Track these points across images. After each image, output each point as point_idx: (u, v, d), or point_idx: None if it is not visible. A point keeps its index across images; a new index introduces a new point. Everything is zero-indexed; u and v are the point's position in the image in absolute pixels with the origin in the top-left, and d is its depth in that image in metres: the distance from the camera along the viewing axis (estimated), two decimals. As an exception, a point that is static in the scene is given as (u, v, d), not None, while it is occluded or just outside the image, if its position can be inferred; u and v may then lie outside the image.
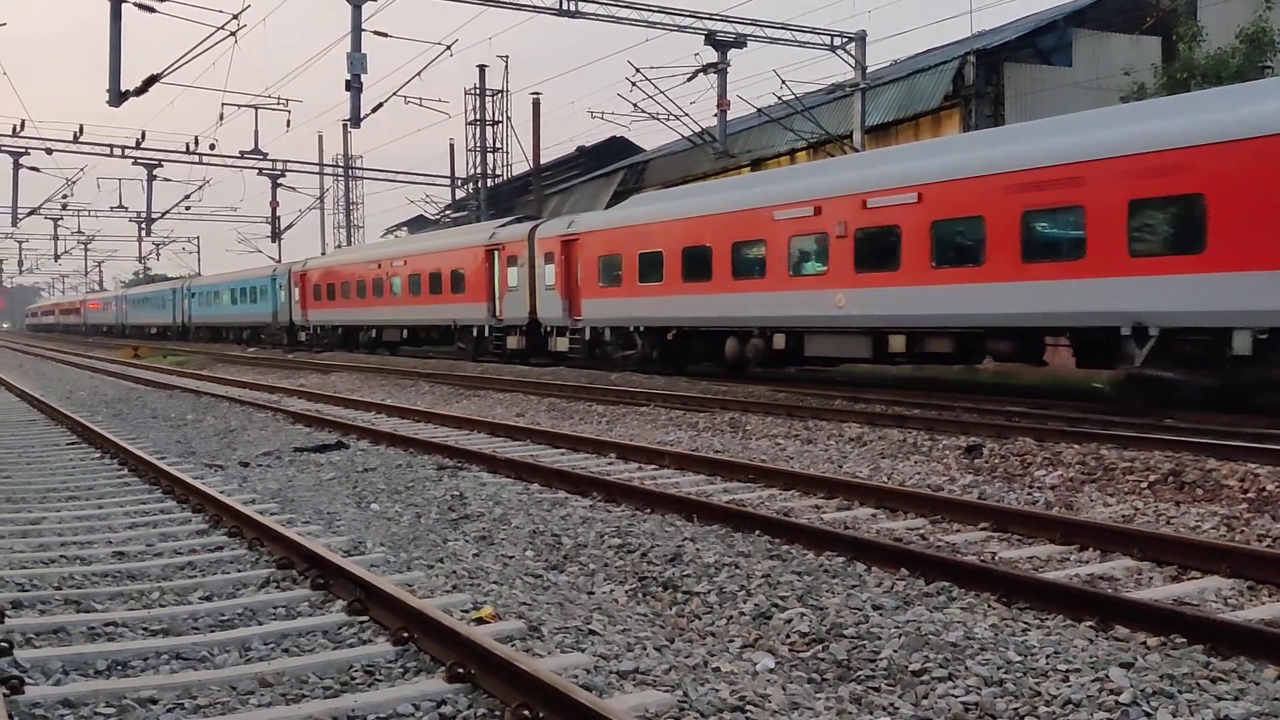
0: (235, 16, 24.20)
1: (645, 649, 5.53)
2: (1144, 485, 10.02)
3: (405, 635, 5.55)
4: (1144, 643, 5.50)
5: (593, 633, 5.81)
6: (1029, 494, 9.89)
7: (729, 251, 21.85)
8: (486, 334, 31.65)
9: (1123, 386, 15.89)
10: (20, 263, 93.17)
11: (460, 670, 4.99)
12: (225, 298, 56.95)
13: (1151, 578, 6.88)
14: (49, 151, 41.36)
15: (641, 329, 25.09)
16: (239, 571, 7.27)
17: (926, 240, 17.55)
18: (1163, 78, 26.66)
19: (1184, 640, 5.43)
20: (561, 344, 28.31)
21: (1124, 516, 8.80)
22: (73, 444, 14.74)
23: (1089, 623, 5.78)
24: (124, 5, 23.19)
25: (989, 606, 6.18)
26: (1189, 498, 9.51)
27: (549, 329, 28.88)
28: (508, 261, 30.24)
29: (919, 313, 17.86)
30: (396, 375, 27.46)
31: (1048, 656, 5.25)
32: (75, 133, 40.09)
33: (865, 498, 9.52)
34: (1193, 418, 14.05)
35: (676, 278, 23.35)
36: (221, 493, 9.80)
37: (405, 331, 37.10)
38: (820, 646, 5.52)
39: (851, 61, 30.08)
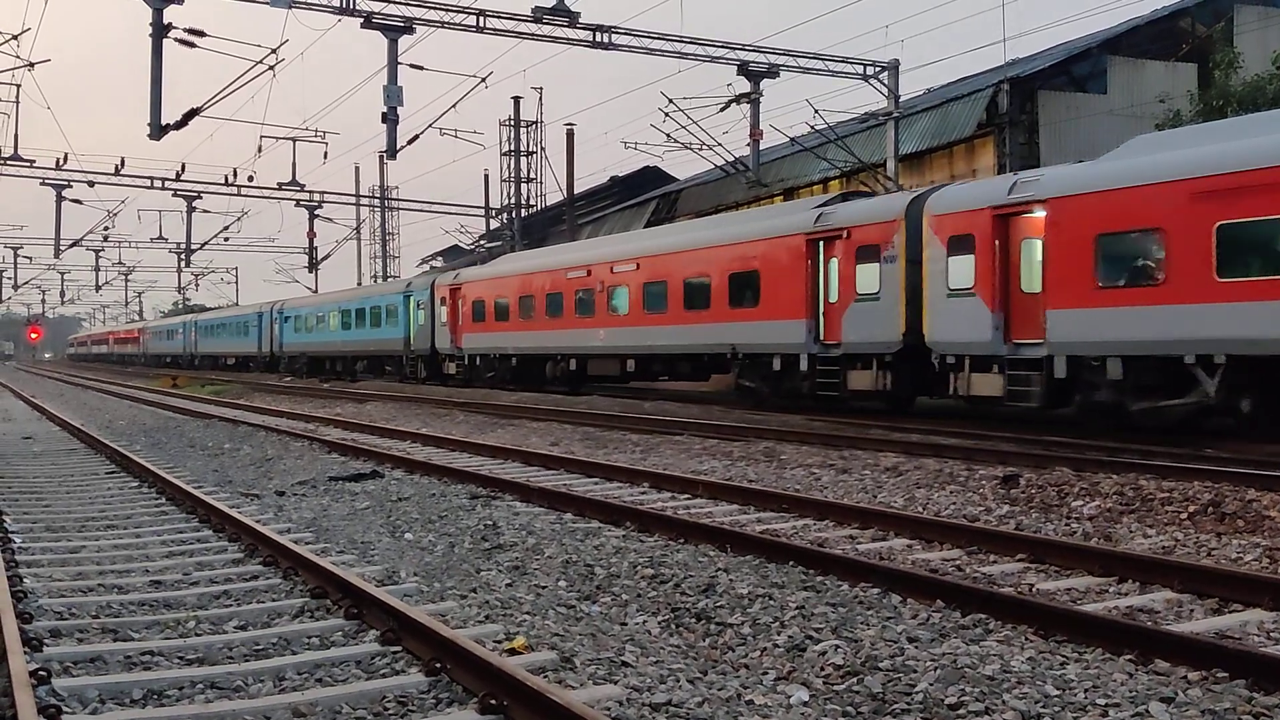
0: (274, 50, 24.56)
1: (678, 681, 5.50)
2: (1184, 516, 9.89)
3: (438, 666, 5.55)
4: (1185, 677, 5.41)
5: (625, 664, 5.79)
6: (1067, 525, 9.78)
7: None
8: (804, 366, 21.14)
9: None
10: (62, 293, 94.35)
11: (493, 702, 4.98)
12: (334, 321, 48.29)
13: (1192, 610, 6.78)
14: (91, 184, 41.98)
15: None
16: (274, 601, 7.30)
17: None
18: (1199, 105, 26.48)
19: (1226, 675, 5.34)
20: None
21: (1164, 548, 8.68)
22: (112, 473, 14.89)
23: (1128, 656, 5.70)
24: (165, 40, 23.57)
25: (1026, 639, 6.10)
26: (1230, 529, 9.37)
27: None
28: (856, 255, 20.09)
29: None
30: (431, 405, 27.58)
31: (1086, 691, 5.18)
32: (117, 165, 40.64)
33: (901, 528, 9.45)
34: (1232, 447, 13.86)
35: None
36: (257, 522, 9.86)
37: (631, 362, 27.58)
38: (855, 679, 5.47)
39: (884, 90, 30.08)
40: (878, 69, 29.95)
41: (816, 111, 29.36)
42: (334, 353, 48.86)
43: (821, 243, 20.96)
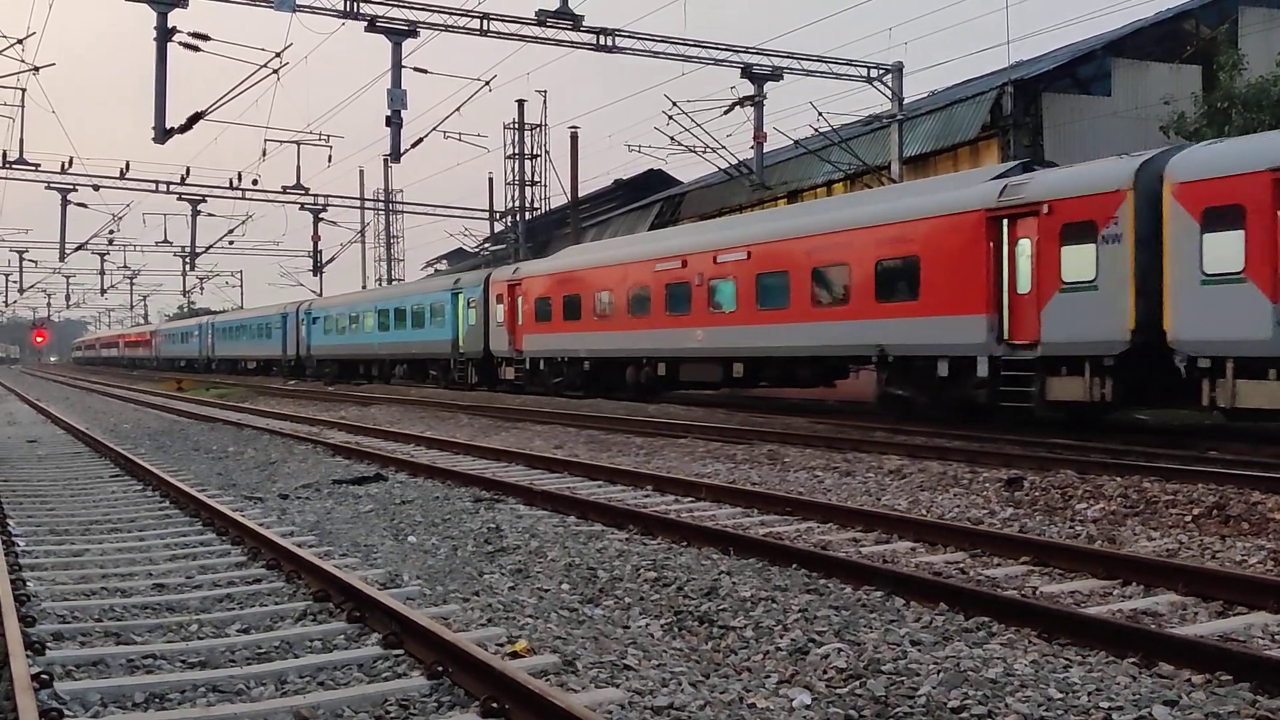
0: (278, 54, 24.58)
1: (680, 684, 5.50)
2: (1188, 519, 9.86)
3: (440, 669, 5.55)
4: (1189, 680, 5.40)
5: (627, 667, 5.78)
6: (1070, 527, 9.76)
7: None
8: (983, 370, 17.64)
9: None
10: (68, 297, 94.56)
11: (494, 705, 4.98)
12: (369, 321, 44.50)
13: (1196, 613, 6.76)
14: (96, 188, 42.06)
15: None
16: (276, 604, 7.30)
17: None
18: (1203, 107, 26.44)
19: (1230, 678, 5.33)
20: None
21: (1168, 551, 8.66)
22: (116, 476, 14.90)
23: (1132, 659, 5.69)
24: (169, 44, 23.60)
25: (1029, 642, 6.09)
26: (1234, 531, 9.35)
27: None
28: (1061, 235, 16.52)
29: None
30: (436, 408, 27.59)
31: (1090, 694, 5.16)
32: (121, 169, 40.76)
33: (904, 531, 9.43)
34: (1236, 450, 13.83)
35: None
36: (260, 525, 9.86)
37: (739, 366, 23.57)
38: (858, 682, 5.46)
39: (888, 93, 30.06)
40: (881, 71, 29.93)
41: (820, 114, 29.36)
42: (369, 356, 45.22)
43: (1006, 221, 17.37)
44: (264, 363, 59.72)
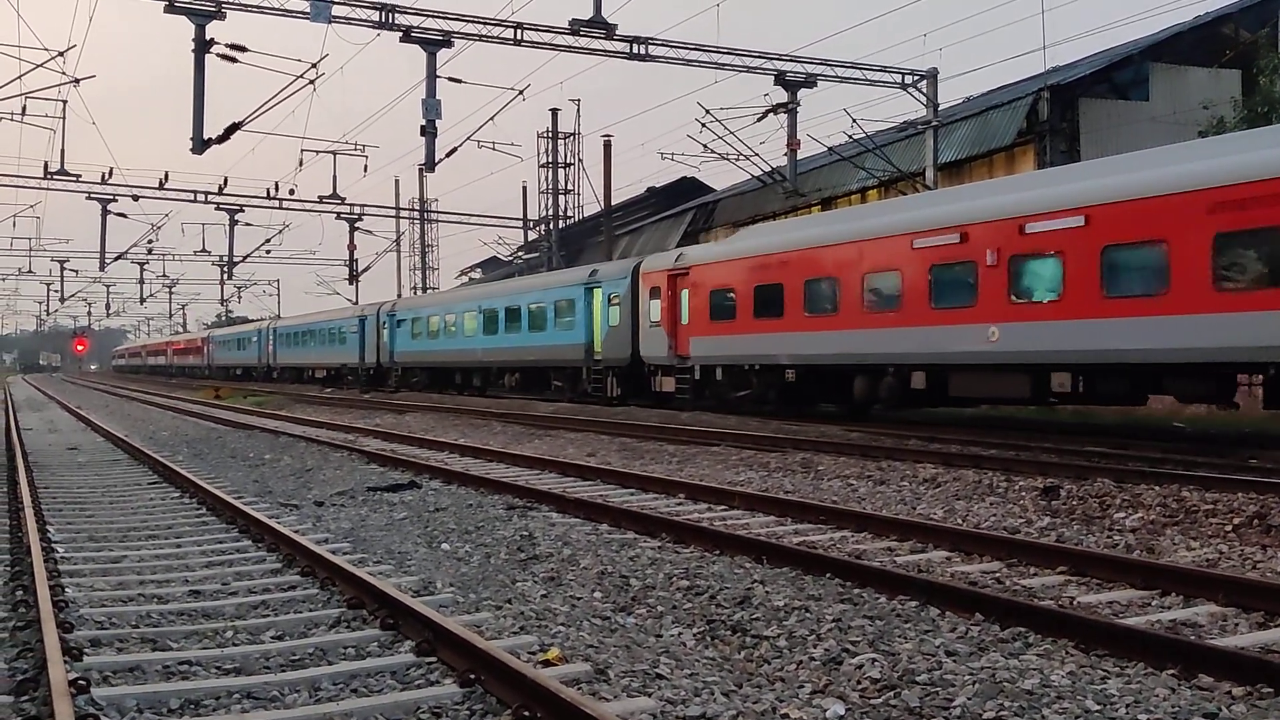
0: (314, 65, 24.81)
1: (713, 694, 5.47)
2: (1228, 528, 9.73)
3: (472, 677, 5.55)
4: (1229, 692, 5.32)
5: (660, 676, 5.76)
6: (1108, 537, 9.65)
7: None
8: None
9: None
10: (107, 306, 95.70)
11: (526, 714, 4.97)
12: (470, 324, 38.87)
13: (1237, 624, 6.67)
14: (135, 198, 42.65)
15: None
16: (311, 611, 7.34)
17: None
18: (1243, 111, 26.17)
19: (1271, 690, 5.24)
20: None
21: (1208, 560, 8.55)
22: (154, 483, 15.05)
23: (1171, 671, 5.61)
24: (207, 56, 23.87)
25: (1066, 653, 6.02)
26: (1276, 541, 9.21)
27: None
28: None
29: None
30: (470, 415, 27.69)
31: (1128, 706, 5.10)
32: (161, 180, 41.28)
33: (939, 540, 9.36)
34: (1278, 458, 13.64)
35: None
36: (296, 532, 9.92)
37: (1063, 377, 17.56)
38: (892, 693, 5.42)
39: (923, 99, 29.94)
40: (916, 78, 29.82)
41: (854, 121, 29.30)
42: (470, 363, 39.28)
43: None
44: (335, 371, 54.28)
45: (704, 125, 30.89)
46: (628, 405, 28.21)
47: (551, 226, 50.92)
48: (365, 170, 41.84)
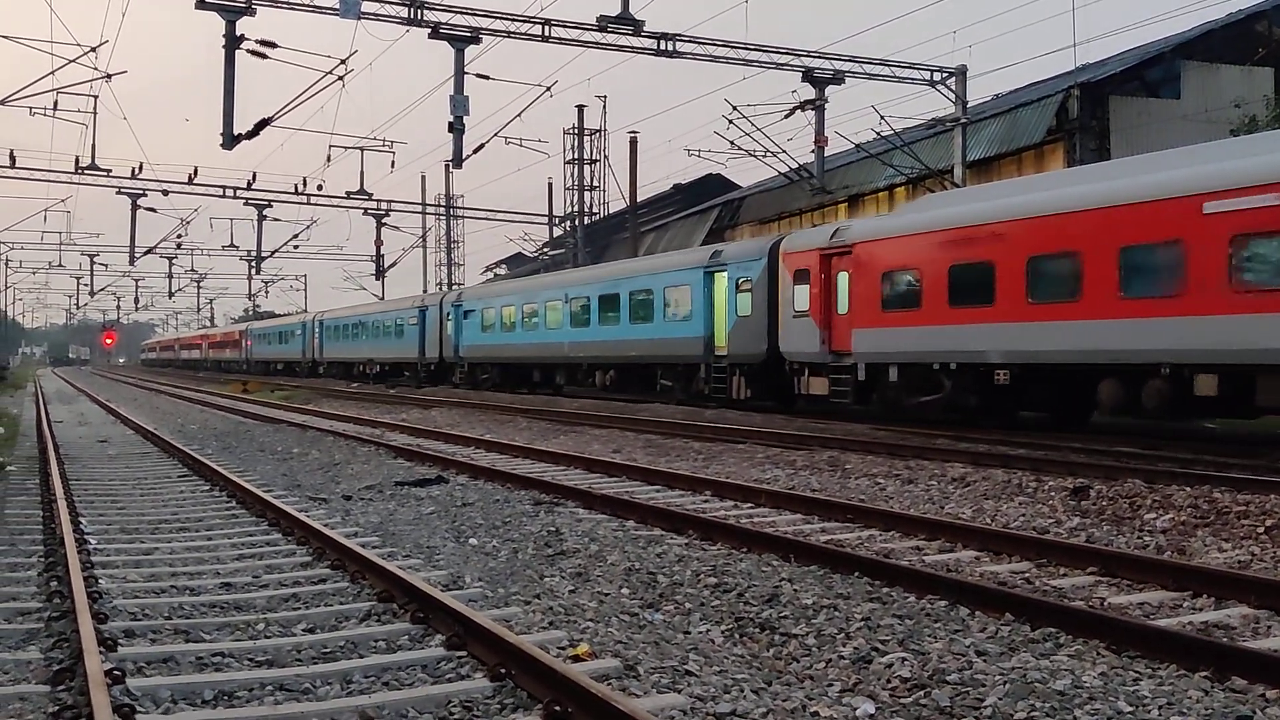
0: (343, 61, 24.96)
1: (742, 691, 5.48)
2: (1260, 530, 9.65)
3: (503, 671, 5.57)
4: (1263, 695, 5.28)
5: (689, 673, 5.77)
6: (1139, 538, 9.59)
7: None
8: None
9: None
10: (136, 300, 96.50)
11: (557, 708, 4.99)
12: (556, 315, 34.22)
13: (1270, 627, 6.61)
14: (165, 193, 43.02)
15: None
16: (341, 604, 7.38)
17: None
18: (1275, 109, 25.91)
19: (1306, 694, 5.20)
20: None
21: (1240, 562, 8.49)
22: (184, 476, 15.17)
23: (1204, 673, 5.57)
24: (237, 52, 24.02)
25: (1098, 654, 6.00)
26: (1310, 544, 9.12)
27: None
28: None
29: None
30: (495, 410, 27.76)
31: (1160, 708, 5.07)
32: (190, 175, 41.61)
33: (968, 540, 9.32)
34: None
35: None
36: (325, 526, 9.98)
37: None
38: (922, 693, 5.41)
39: (952, 96, 29.79)
40: (945, 75, 29.67)
41: (883, 118, 29.15)
42: (553, 359, 34.96)
43: None
44: (389, 367, 50.22)
45: (731, 122, 30.83)
46: (766, 411, 24.23)
47: (577, 223, 50.96)
48: (393, 166, 41.89)
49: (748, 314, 24.97)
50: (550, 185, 53.58)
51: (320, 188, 43.10)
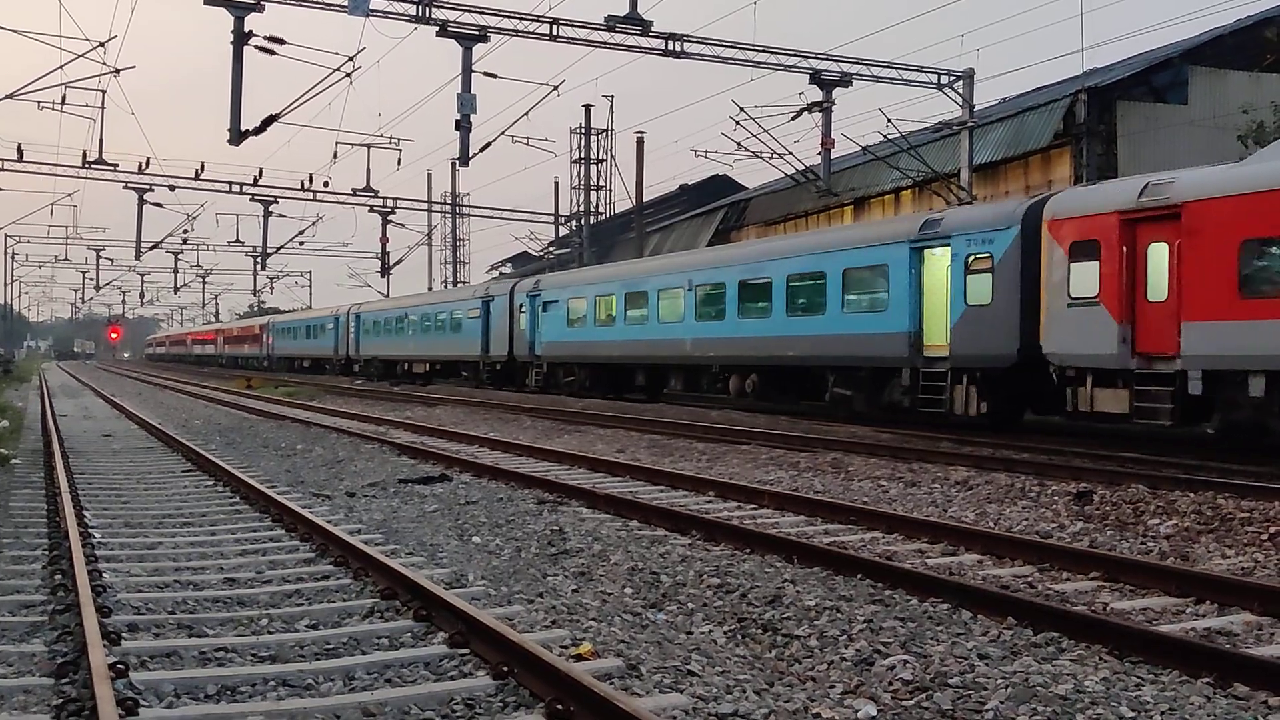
0: (350, 58, 24.93)
1: (744, 691, 5.48)
2: (1264, 537, 9.64)
3: (505, 670, 5.58)
4: (1265, 702, 5.28)
5: (691, 673, 5.78)
6: (1142, 543, 9.59)
7: None
8: None
9: None
10: (142, 295, 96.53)
11: (559, 707, 5.00)
12: (674, 306, 28.27)
13: (1273, 634, 6.61)
14: (172, 188, 42.92)
15: None
16: (344, 601, 7.40)
17: None
18: (1284, 116, 25.84)
19: (1309, 701, 5.20)
20: None
21: (1243, 569, 8.48)
22: (187, 471, 15.19)
23: (1206, 679, 5.57)
24: (245, 48, 24.03)
25: (1100, 659, 6.00)
26: (1313, 551, 9.11)
27: None
28: None
29: None
30: (500, 409, 27.77)
31: (1163, 713, 5.07)
32: (197, 170, 41.55)
33: (971, 543, 9.32)
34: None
35: None
36: (328, 522, 9.99)
37: None
38: (924, 695, 5.41)
39: (959, 100, 29.74)
40: (952, 78, 29.62)
41: (890, 120, 29.11)
42: (670, 359, 28.71)
43: None
44: (441, 365, 44.58)
45: (738, 123, 30.76)
46: (1017, 430, 18.91)
47: (583, 222, 50.97)
48: (399, 164, 41.69)
49: (985, 302, 18.74)
50: (556, 185, 53.60)
51: (326, 184, 43.03)
